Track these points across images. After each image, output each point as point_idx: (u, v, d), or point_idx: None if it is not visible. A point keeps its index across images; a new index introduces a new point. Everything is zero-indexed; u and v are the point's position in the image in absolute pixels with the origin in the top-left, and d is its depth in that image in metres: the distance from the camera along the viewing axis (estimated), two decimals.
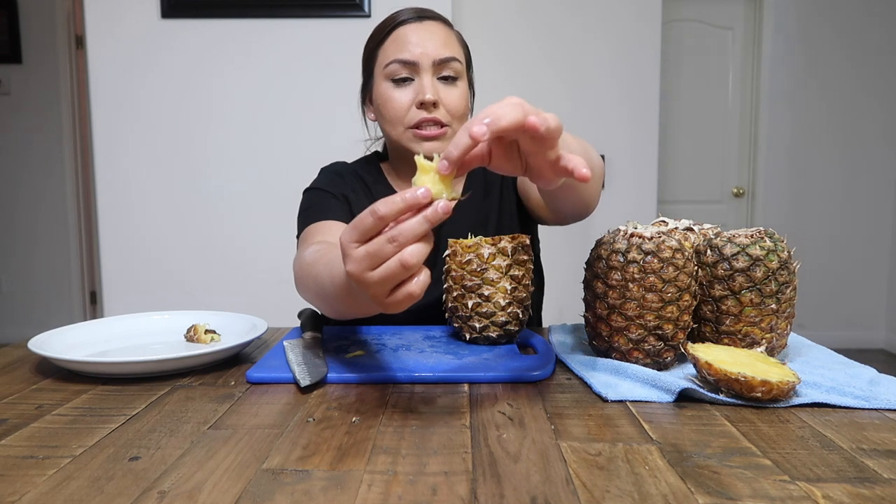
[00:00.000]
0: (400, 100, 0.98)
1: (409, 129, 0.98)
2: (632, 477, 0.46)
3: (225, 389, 0.68)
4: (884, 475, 0.47)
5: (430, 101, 0.96)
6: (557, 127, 0.52)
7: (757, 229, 0.75)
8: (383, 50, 1.00)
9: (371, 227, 0.52)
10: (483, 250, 0.80)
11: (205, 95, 2.31)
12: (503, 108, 0.51)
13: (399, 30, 0.99)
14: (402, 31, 0.99)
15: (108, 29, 2.26)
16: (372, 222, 0.52)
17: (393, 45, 0.99)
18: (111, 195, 2.32)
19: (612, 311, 0.71)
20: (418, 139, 0.98)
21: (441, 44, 0.98)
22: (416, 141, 0.98)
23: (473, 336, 0.82)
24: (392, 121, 0.99)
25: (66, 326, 0.85)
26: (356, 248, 0.53)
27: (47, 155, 3.88)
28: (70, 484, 0.46)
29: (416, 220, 0.51)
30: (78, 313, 3.97)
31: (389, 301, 0.54)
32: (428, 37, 0.98)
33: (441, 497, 0.43)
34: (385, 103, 0.99)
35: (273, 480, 0.46)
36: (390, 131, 1.01)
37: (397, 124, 0.99)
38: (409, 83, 0.98)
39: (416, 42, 0.97)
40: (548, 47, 3.03)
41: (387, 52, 0.99)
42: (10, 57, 3.79)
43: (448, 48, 0.99)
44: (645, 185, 3.05)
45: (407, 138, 0.99)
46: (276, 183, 2.33)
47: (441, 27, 1.01)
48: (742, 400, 0.61)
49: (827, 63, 3.71)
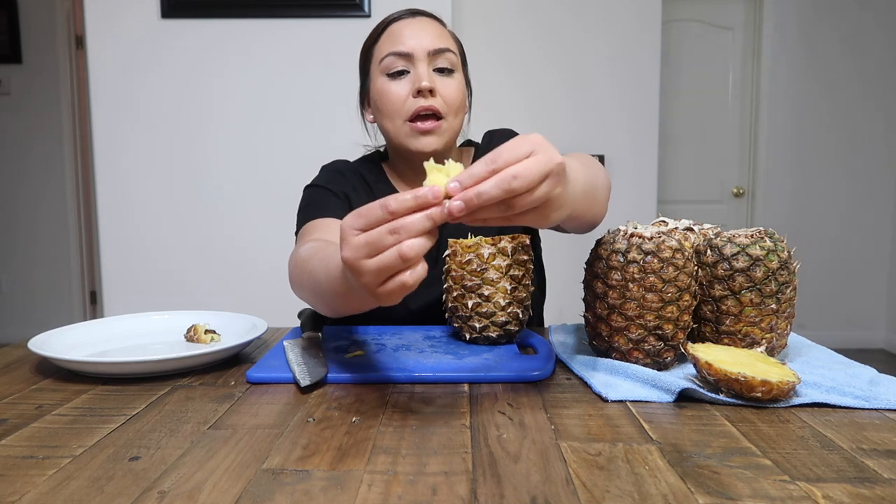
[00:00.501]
0: (397, 92, 0.97)
1: (406, 121, 0.98)
2: (632, 477, 0.46)
3: (225, 389, 0.68)
4: (884, 475, 0.47)
5: (427, 88, 0.95)
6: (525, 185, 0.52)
7: (757, 229, 0.75)
8: (378, 46, 1.01)
9: (377, 219, 0.52)
10: (483, 250, 0.80)
11: (205, 95, 2.31)
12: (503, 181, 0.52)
13: (393, 25, 1.00)
14: (396, 27, 1.00)
15: (108, 29, 2.26)
16: (380, 215, 0.52)
17: (388, 40, 0.99)
18: (111, 195, 2.32)
19: (612, 311, 0.71)
20: (415, 133, 0.97)
21: (435, 36, 0.99)
22: (413, 136, 0.98)
23: (473, 336, 0.82)
24: (390, 114, 0.99)
25: (66, 326, 0.85)
26: (356, 235, 0.53)
27: (47, 155, 3.88)
28: (70, 484, 0.46)
29: (420, 216, 0.51)
30: (78, 313, 3.97)
31: (381, 291, 0.53)
32: (421, 29, 0.99)
33: (441, 497, 0.43)
34: (382, 97, 0.99)
35: (273, 480, 0.46)
36: (388, 126, 1.00)
37: (395, 117, 0.98)
38: (405, 76, 0.98)
39: (410, 35, 0.98)
40: (548, 47, 3.03)
41: (381, 48, 1.00)
42: (10, 57, 3.79)
43: (442, 40, 0.99)
44: (645, 185, 3.05)
45: (405, 133, 0.98)
46: (276, 182, 2.33)
47: (434, 22, 1.02)
48: (742, 400, 0.61)
49: (827, 63, 3.71)
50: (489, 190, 0.51)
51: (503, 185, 0.51)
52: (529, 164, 0.52)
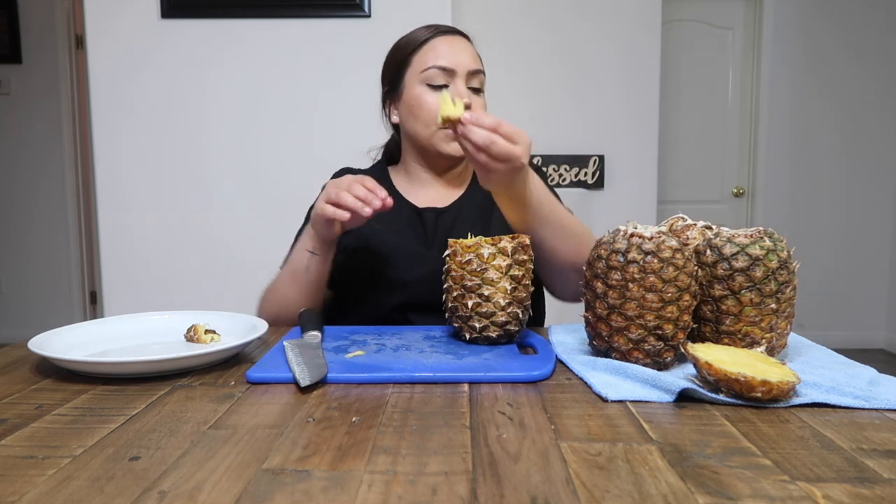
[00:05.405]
0: (435, 103, 1.06)
1: (441, 128, 1.06)
2: (632, 477, 0.46)
3: (225, 389, 0.68)
4: (884, 475, 0.47)
5: (468, 104, 1.03)
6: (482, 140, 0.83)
7: (757, 229, 0.75)
8: (419, 57, 1.10)
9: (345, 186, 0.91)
10: (483, 250, 0.80)
11: (205, 95, 2.30)
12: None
13: (435, 40, 1.10)
14: (439, 42, 1.09)
15: (107, 29, 2.26)
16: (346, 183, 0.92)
17: (431, 52, 1.09)
18: (111, 195, 2.32)
19: (612, 311, 0.71)
20: (448, 138, 1.07)
21: (472, 57, 1.11)
22: (445, 140, 1.08)
23: (473, 336, 0.82)
24: (426, 121, 1.08)
25: (66, 326, 0.85)
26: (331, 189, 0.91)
27: (47, 155, 3.88)
28: (70, 484, 0.46)
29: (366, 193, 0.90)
30: (78, 313, 3.97)
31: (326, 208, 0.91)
32: (462, 49, 1.10)
33: (441, 497, 0.43)
34: (421, 105, 1.08)
35: (273, 480, 0.46)
36: (421, 131, 1.09)
37: (431, 124, 1.07)
38: (444, 88, 1.07)
39: (453, 52, 1.08)
40: (547, 48, 3.03)
41: (424, 59, 1.09)
42: (10, 57, 3.79)
43: (477, 62, 1.11)
44: (645, 185, 3.05)
45: (439, 137, 1.08)
46: (276, 182, 2.32)
47: (469, 44, 1.13)
48: (742, 400, 0.61)
49: (827, 63, 3.71)
50: (479, 133, 0.82)
51: (487, 139, 0.82)
52: (508, 145, 0.83)
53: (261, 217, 2.34)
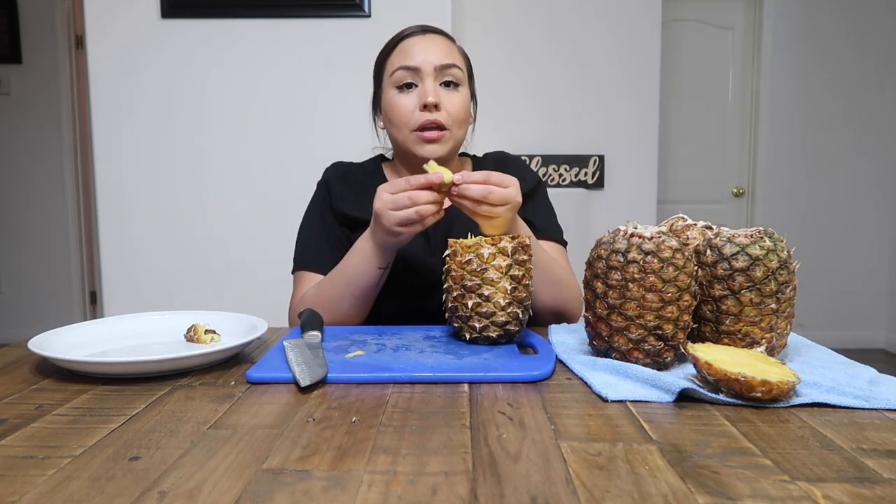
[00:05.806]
0: (405, 104, 1.05)
1: (413, 131, 1.04)
2: (632, 477, 0.46)
3: (225, 389, 0.68)
4: (884, 475, 0.47)
5: (432, 103, 1.02)
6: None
7: (757, 229, 0.75)
8: (390, 60, 1.08)
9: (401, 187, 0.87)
10: (483, 250, 0.80)
11: (205, 95, 2.30)
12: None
13: (405, 41, 1.08)
14: (408, 42, 1.07)
15: (107, 29, 2.26)
16: (403, 185, 0.87)
17: (399, 55, 1.07)
18: (111, 195, 2.32)
19: (612, 311, 0.71)
20: (421, 141, 1.04)
21: (442, 52, 1.06)
22: (419, 143, 1.05)
23: (473, 336, 0.82)
24: (398, 124, 1.06)
25: (66, 326, 0.85)
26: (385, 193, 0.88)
27: (47, 155, 3.87)
28: (70, 484, 0.46)
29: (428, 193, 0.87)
30: (78, 313, 3.97)
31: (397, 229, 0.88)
32: (430, 46, 1.06)
33: (441, 497, 0.43)
34: (392, 108, 1.06)
35: (273, 480, 0.46)
36: (396, 135, 1.08)
37: (403, 127, 1.05)
38: (414, 89, 1.05)
39: (420, 50, 1.05)
40: (547, 48, 3.03)
41: (393, 62, 1.07)
42: (10, 57, 3.78)
43: (449, 56, 1.06)
44: (645, 185, 3.05)
45: (412, 141, 1.05)
46: (276, 182, 2.32)
47: (443, 39, 1.09)
48: (742, 400, 0.61)
49: (827, 63, 3.71)
50: (474, 188, 0.86)
51: (484, 191, 0.86)
52: (502, 189, 0.87)
53: (260, 217, 2.34)
